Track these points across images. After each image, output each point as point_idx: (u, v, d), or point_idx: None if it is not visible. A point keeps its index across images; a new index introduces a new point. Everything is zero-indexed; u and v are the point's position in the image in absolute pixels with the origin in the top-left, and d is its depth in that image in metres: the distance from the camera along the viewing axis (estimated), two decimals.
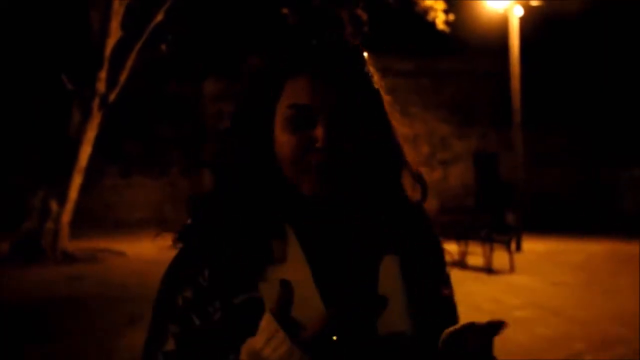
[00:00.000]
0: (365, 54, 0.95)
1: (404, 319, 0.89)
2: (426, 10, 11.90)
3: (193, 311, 0.87)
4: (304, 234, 0.91)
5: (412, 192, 0.99)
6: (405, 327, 0.88)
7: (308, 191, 0.89)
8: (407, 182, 0.99)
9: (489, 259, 9.63)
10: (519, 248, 11.75)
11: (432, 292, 0.94)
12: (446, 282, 0.99)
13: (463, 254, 10.04)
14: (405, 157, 0.98)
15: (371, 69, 0.95)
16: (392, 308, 0.82)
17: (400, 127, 0.98)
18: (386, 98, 0.97)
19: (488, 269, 9.52)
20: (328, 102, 0.88)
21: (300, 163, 0.89)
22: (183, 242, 0.93)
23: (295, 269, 0.88)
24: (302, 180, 0.89)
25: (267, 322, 0.75)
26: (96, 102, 11.02)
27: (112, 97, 11.27)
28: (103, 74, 10.99)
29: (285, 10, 10.60)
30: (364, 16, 11.53)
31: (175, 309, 0.88)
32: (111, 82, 11.16)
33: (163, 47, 12.02)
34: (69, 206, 11.08)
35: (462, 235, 10.22)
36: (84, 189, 11.52)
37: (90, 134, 11.16)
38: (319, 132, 0.87)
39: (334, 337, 0.73)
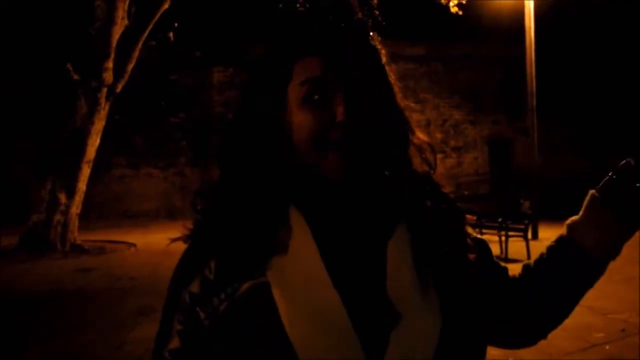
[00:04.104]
0: (373, 34, 0.94)
1: (414, 293, 0.87)
2: None
3: (198, 304, 0.86)
4: (316, 217, 0.89)
5: (419, 164, 0.99)
6: (416, 299, 0.87)
7: (329, 172, 0.87)
8: (414, 154, 0.98)
9: (505, 248, 9.43)
10: (535, 236, 11.53)
11: (455, 259, 0.93)
12: (470, 248, 0.98)
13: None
14: (411, 130, 0.97)
15: (377, 44, 0.94)
16: (402, 283, 0.85)
17: (403, 102, 0.97)
18: (392, 74, 0.96)
19: (504, 258, 9.36)
20: (342, 76, 0.88)
21: (321, 141, 0.87)
22: (193, 238, 0.93)
23: (305, 257, 0.87)
24: (322, 160, 0.88)
25: None
26: (103, 93, 10.92)
27: (119, 87, 11.18)
28: (110, 64, 10.88)
29: None
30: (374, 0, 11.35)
31: (181, 305, 0.88)
32: (118, 72, 11.05)
33: (171, 35, 11.92)
34: (78, 198, 11.02)
35: (476, 224, 10.15)
36: (91, 180, 11.46)
37: (98, 124, 11.08)
38: (338, 107, 0.87)
39: None
